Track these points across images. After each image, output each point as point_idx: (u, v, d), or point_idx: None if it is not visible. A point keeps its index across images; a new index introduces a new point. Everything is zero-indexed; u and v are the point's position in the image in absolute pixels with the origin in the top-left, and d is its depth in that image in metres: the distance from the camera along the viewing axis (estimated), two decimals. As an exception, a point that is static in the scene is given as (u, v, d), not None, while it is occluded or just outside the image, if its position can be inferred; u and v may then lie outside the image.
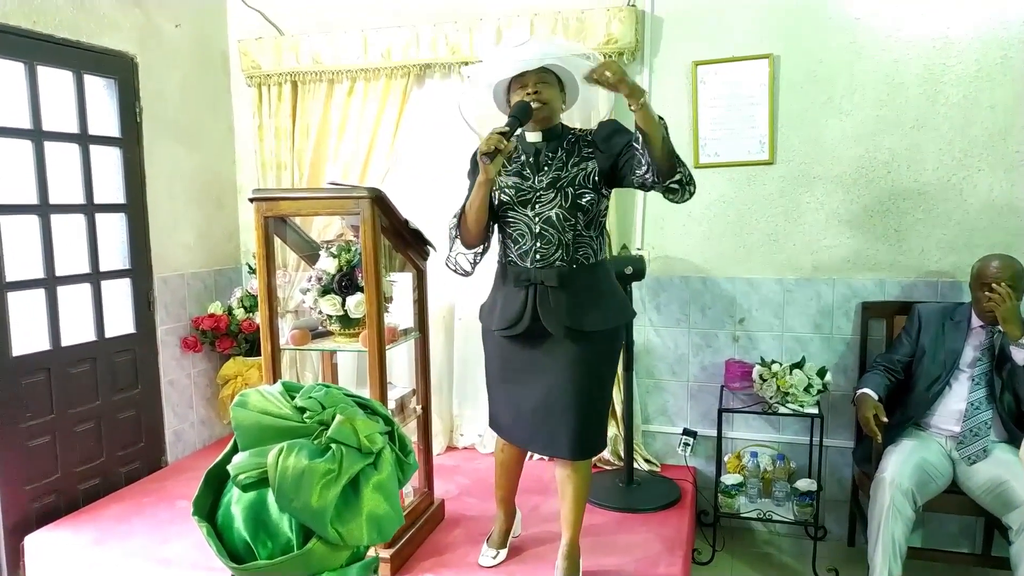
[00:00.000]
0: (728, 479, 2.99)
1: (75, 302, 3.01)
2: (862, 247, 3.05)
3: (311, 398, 0.98)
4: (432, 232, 2.70)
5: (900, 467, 2.49)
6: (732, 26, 3.06)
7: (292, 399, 0.99)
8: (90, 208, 3.05)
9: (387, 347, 2.42)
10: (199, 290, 3.66)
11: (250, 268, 3.83)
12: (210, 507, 0.99)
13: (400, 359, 3.39)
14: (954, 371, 2.63)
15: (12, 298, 2.72)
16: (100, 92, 3.13)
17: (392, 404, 2.59)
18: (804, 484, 2.90)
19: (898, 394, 2.75)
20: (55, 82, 2.90)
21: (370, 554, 1.05)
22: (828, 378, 2.90)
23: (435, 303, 3.28)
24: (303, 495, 0.87)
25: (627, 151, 2.10)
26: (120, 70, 3.17)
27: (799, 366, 2.91)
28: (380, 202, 2.31)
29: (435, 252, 2.72)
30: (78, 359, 3.01)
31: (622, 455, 3.14)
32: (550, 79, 2.16)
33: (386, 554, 2.40)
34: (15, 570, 2.75)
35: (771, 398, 2.92)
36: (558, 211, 2.14)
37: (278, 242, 2.66)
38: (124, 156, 3.20)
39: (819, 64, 3.00)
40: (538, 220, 2.17)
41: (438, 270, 2.95)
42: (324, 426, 0.95)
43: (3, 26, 2.66)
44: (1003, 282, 2.50)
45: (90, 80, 3.04)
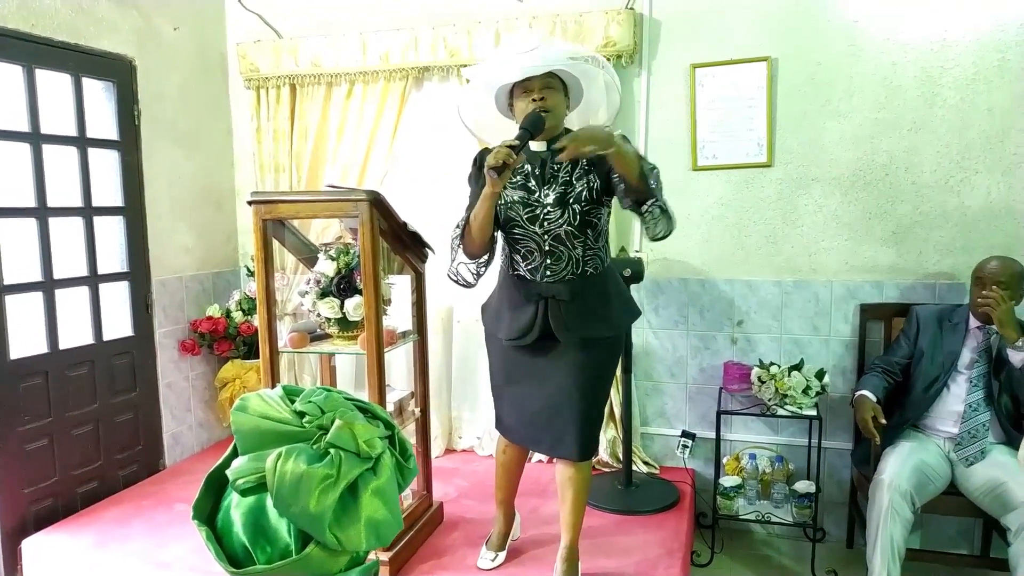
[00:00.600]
0: (727, 481, 2.99)
1: (73, 305, 3.01)
2: (860, 249, 3.05)
3: (311, 402, 0.98)
4: (431, 235, 2.70)
5: (898, 469, 2.49)
6: (730, 29, 3.07)
7: (292, 403, 0.99)
8: (88, 211, 3.05)
9: (385, 350, 2.42)
10: (197, 293, 3.66)
11: (248, 271, 3.82)
12: (210, 511, 0.99)
13: (399, 362, 3.39)
14: (952, 373, 2.64)
15: (10, 301, 2.72)
16: (98, 95, 3.13)
17: (391, 407, 2.59)
18: (803, 486, 2.90)
19: (896, 396, 2.76)
20: (53, 85, 2.90)
21: (370, 558, 1.05)
22: (826, 380, 2.91)
23: (434, 306, 3.28)
24: (301, 500, 0.88)
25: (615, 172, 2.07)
26: (119, 73, 3.17)
27: (797, 368, 2.92)
28: (378, 205, 2.31)
29: (433, 255, 2.72)
30: (76, 362, 3.00)
31: (621, 457, 3.14)
32: (555, 84, 2.10)
33: (385, 557, 2.40)
34: (13, 573, 2.74)
35: (769, 400, 2.92)
36: (568, 228, 2.10)
37: (276, 245, 2.66)
38: (122, 159, 3.20)
39: (817, 67, 3.00)
40: (547, 238, 2.12)
41: (437, 273, 2.95)
42: (323, 431, 0.95)
43: (1, 29, 2.66)
44: (1000, 282, 2.51)
45: (88, 83, 3.04)
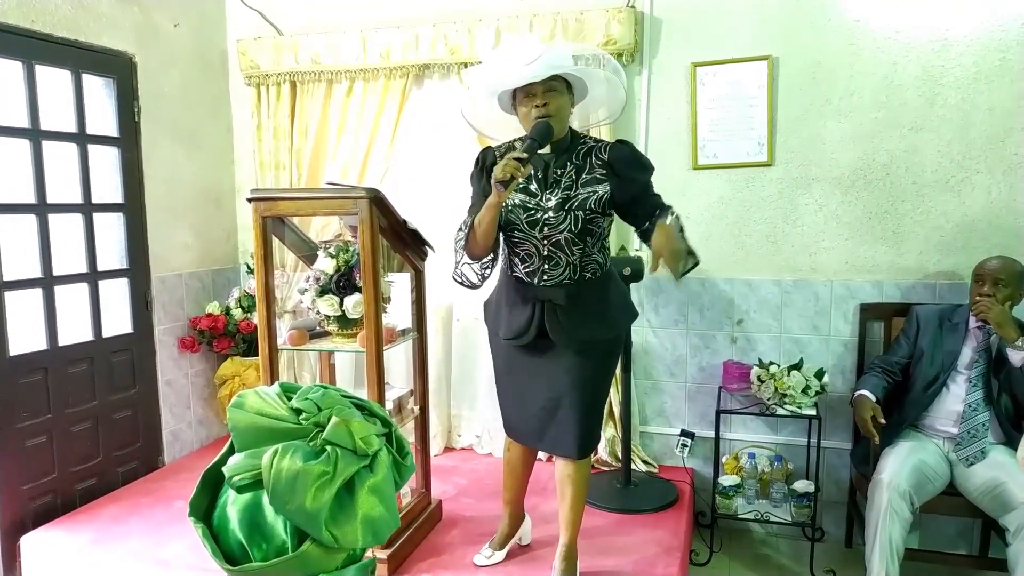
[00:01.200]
0: (726, 480, 2.99)
1: (72, 302, 3.01)
2: (860, 249, 3.05)
3: (308, 399, 0.98)
4: (431, 233, 2.70)
5: (898, 468, 2.49)
6: (731, 28, 3.06)
7: (289, 400, 0.99)
8: (88, 208, 3.04)
9: (385, 348, 2.41)
10: (197, 290, 3.66)
11: (248, 268, 3.82)
12: (206, 508, 0.99)
13: (398, 359, 3.39)
14: (951, 372, 2.64)
15: (9, 297, 2.72)
16: (98, 91, 3.12)
17: (390, 405, 2.59)
18: (802, 485, 2.90)
19: (896, 396, 2.76)
20: (53, 81, 2.90)
21: (367, 555, 1.05)
22: (826, 379, 2.91)
23: (433, 304, 3.28)
24: (297, 497, 0.87)
25: (641, 199, 2.12)
26: (119, 69, 3.17)
27: (797, 367, 2.92)
28: (378, 202, 2.31)
29: (433, 253, 2.72)
30: (75, 359, 3.00)
31: (620, 456, 3.14)
32: (559, 86, 2.06)
33: (383, 555, 2.40)
34: (11, 570, 2.74)
35: (769, 399, 2.92)
36: (568, 235, 2.10)
37: (276, 242, 2.66)
38: (122, 156, 3.20)
39: (818, 66, 3.00)
40: (546, 243, 2.12)
41: (436, 271, 2.95)
42: (320, 428, 0.95)
43: (1, 25, 2.65)
44: (1000, 280, 2.52)
45: (88, 79, 3.04)
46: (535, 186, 2.14)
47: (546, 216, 2.11)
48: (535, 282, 2.17)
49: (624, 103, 2.29)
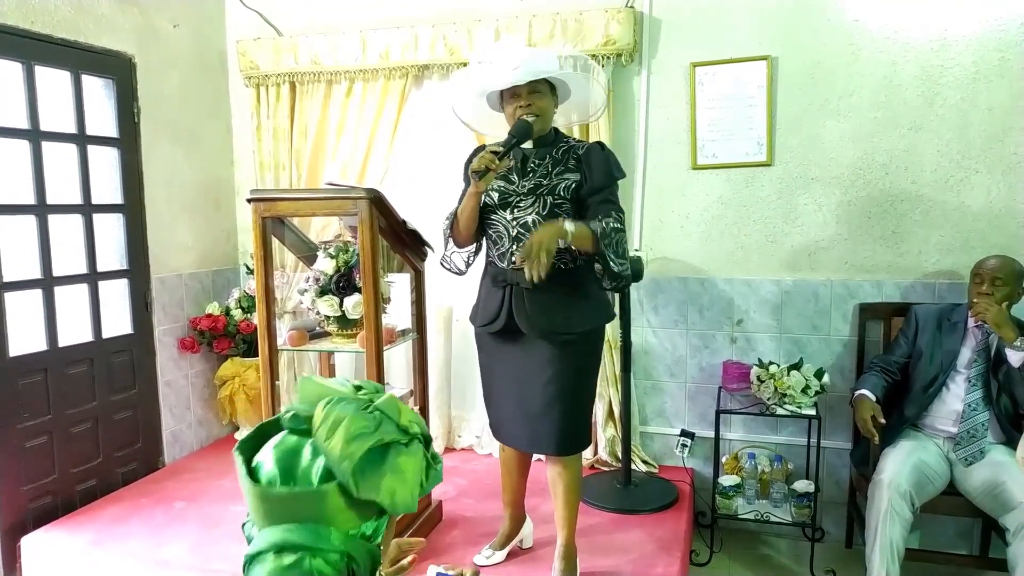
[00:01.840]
0: (726, 480, 2.99)
1: (72, 303, 3.01)
2: (860, 248, 3.05)
3: (369, 385, 1.10)
4: (430, 233, 2.70)
5: (898, 468, 2.49)
6: (730, 28, 3.07)
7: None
8: (88, 208, 3.04)
9: (385, 348, 2.42)
10: (197, 291, 3.66)
11: (248, 269, 3.82)
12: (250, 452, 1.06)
13: (398, 360, 3.39)
14: (950, 372, 2.64)
15: (9, 298, 2.72)
16: (98, 92, 3.12)
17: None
18: (802, 485, 2.90)
19: (895, 395, 2.76)
20: (53, 82, 2.90)
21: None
22: (826, 379, 2.91)
23: (433, 304, 3.29)
24: (336, 438, 0.95)
25: (595, 201, 2.16)
26: (118, 70, 3.17)
27: (797, 367, 2.92)
28: (378, 203, 2.31)
29: (433, 253, 2.72)
30: (75, 360, 3.00)
31: (620, 456, 3.14)
32: (542, 87, 2.16)
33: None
34: (11, 571, 2.75)
35: (769, 399, 2.92)
36: (535, 217, 2.18)
37: (276, 243, 2.66)
38: (122, 156, 3.20)
39: (817, 66, 3.00)
40: (515, 224, 2.20)
41: (436, 271, 2.95)
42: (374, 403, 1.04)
43: (1, 26, 2.65)
44: (998, 279, 2.52)
45: (88, 80, 3.04)
46: (514, 175, 2.24)
47: (518, 199, 2.20)
48: (505, 265, 2.23)
49: (605, 102, 2.43)
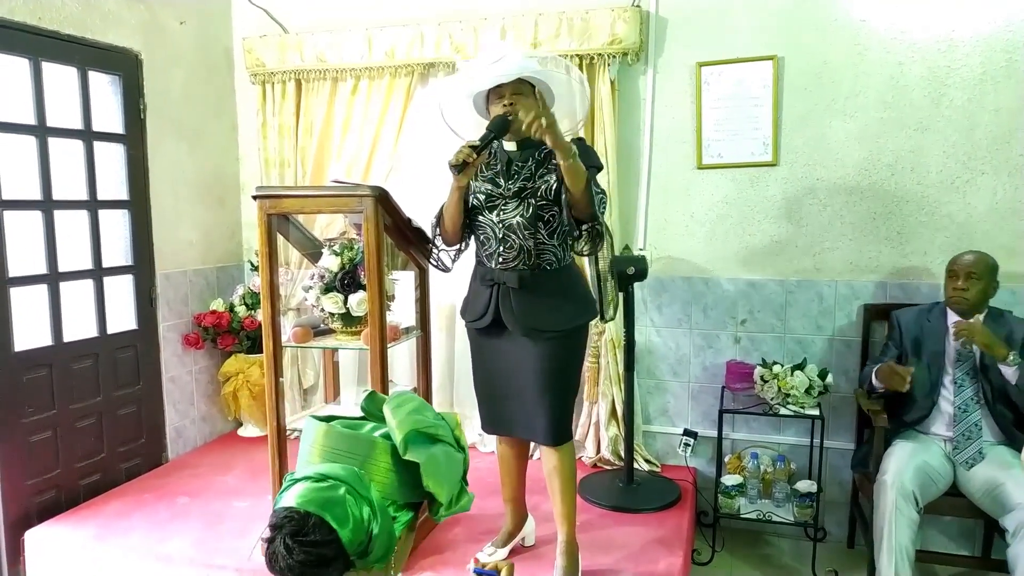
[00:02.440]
0: (728, 480, 2.99)
1: (77, 298, 3.01)
2: (865, 249, 3.04)
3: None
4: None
5: (902, 469, 2.48)
6: (736, 27, 3.06)
7: None
8: (93, 204, 3.05)
9: (389, 345, 2.42)
10: (201, 287, 3.66)
11: (252, 265, 3.83)
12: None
13: (401, 357, 3.40)
14: (940, 373, 2.65)
15: (15, 293, 2.73)
16: (104, 88, 3.13)
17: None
18: (804, 485, 2.90)
19: (895, 400, 2.74)
20: (60, 78, 2.90)
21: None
22: (829, 380, 2.90)
23: (437, 302, 3.29)
24: (401, 412, 1.23)
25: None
26: (125, 67, 3.17)
27: (800, 367, 2.91)
28: (383, 200, 2.32)
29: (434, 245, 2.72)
30: (80, 355, 3.01)
31: (622, 455, 3.14)
32: (525, 90, 2.19)
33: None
34: (15, 565, 2.76)
35: (772, 399, 2.92)
36: (519, 219, 2.21)
37: (281, 240, 2.67)
38: (128, 152, 3.20)
39: (823, 66, 2.99)
40: (501, 226, 2.24)
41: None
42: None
43: (8, 22, 2.66)
44: (972, 274, 2.56)
45: (94, 76, 3.05)
46: (500, 178, 2.26)
47: (504, 202, 2.24)
48: (492, 265, 2.27)
49: (588, 104, 2.51)
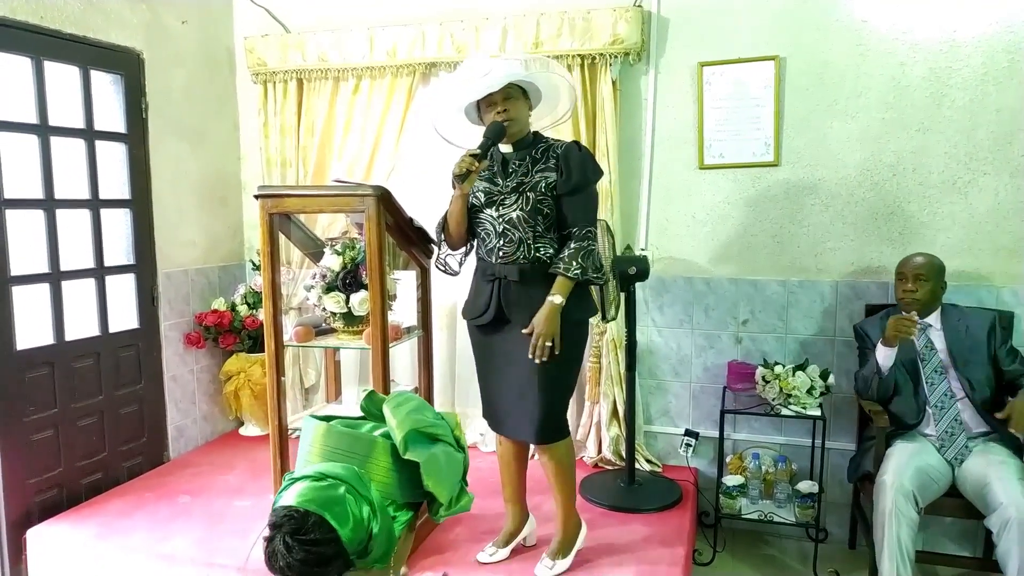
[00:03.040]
0: (729, 480, 2.99)
1: (79, 297, 3.02)
2: (866, 249, 3.04)
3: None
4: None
5: (901, 469, 2.48)
6: (738, 27, 3.06)
7: None
8: (95, 203, 3.05)
9: (390, 345, 2.43)
10: (203, 286, 3.67)
11: (254, 265, 3.83)
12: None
13: (403, 357, 3.40)
14: (916, 374, 2.66)
15: (17, 292, 2.73)
16: (106, 88, 3.13)
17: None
18: (805, 486, 2.90)
19: (888, 404, 2.74)
20: (62, 77, 2.91)
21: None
22: (831, 380, 2.90)
23: (439, 301, 3.29)
24: (400, 411, 1.19)
25: (565, 203, 2.24)
26: (126, 66, 3.18)
27: (802, 368, 2.91)
28: (385, 200, 2.32)
29: (439, 251, 2.73)
30: (82, 354, 3.01)
31: (624, 455, 3.14)
32: (515, 93, 2.25)
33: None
34: (17, 563, 2.76)
35: (773, 400, 2.92)
36: (519, 213, 2.25)
37: (282, 239, 2.67)
38: (130, 152, 3.21)
39: (825, 66, 2.99)
40: (501, 220, 2.27)
41: (442, 268, 2.96)
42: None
43: (10, 21, 2.67)
44: (921, 276, 2.62)
45: (96, 76, 3.05)
46: (498, 177, 2.32)
47: (502, 198, 2.28)
48: (493, 260, 2.31)
49: (575, 99, 2.62)
